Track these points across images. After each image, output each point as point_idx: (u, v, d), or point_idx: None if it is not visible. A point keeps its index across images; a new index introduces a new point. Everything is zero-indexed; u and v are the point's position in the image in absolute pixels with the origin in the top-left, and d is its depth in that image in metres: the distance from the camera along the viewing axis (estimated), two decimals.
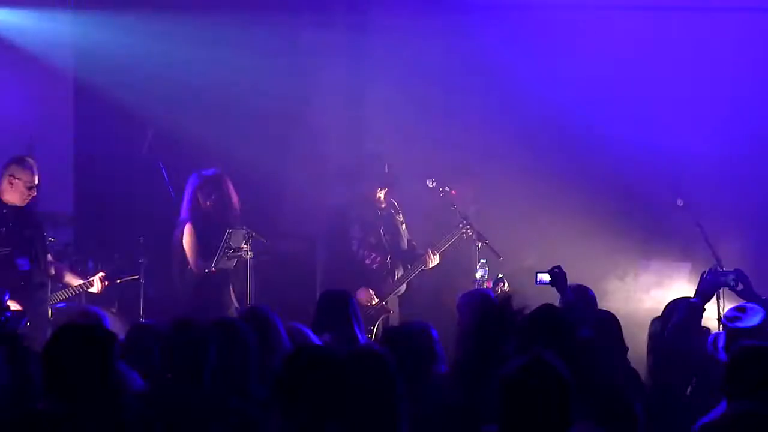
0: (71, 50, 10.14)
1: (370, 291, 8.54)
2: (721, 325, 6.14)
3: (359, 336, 6.06)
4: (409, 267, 8.78)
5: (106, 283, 7.70)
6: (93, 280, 7.65)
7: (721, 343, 5.42)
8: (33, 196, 7.52)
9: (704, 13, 10.05)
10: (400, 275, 8.80)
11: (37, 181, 7.48)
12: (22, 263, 7.39)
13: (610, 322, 5.66)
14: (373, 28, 10.81)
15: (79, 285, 7.66)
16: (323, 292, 6.70)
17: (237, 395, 4.63)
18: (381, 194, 8.80)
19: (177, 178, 9.15)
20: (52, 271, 7.70)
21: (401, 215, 8.96)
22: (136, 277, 7.95)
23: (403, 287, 8.83)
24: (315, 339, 5.57)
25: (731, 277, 6.16)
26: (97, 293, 7.71)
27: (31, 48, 9.80)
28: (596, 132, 10.00)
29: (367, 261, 8.71)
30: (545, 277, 6.60)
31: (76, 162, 10.21)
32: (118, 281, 7.89)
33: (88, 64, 10.07)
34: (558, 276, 6.50)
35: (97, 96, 10.02)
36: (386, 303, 8.66)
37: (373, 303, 8.51)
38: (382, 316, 8.57)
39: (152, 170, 8.62)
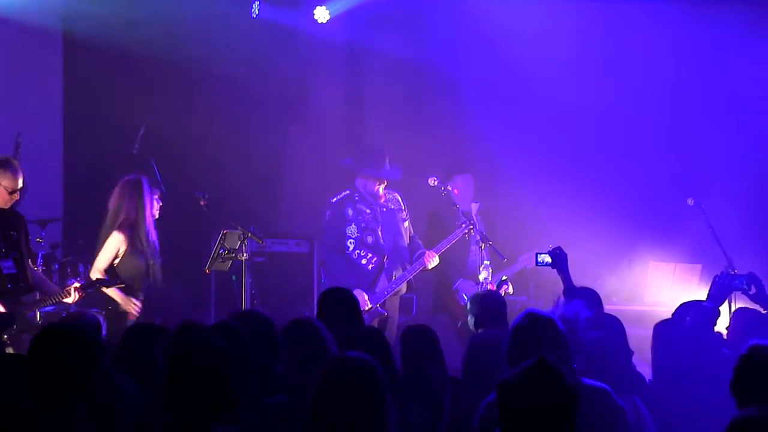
0: (60, 43, 10.01)
1: (364, 295, 8.34)
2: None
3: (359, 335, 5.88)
4: (408, 267, 8.64)
5: (82, 294, 7.41)
6: (69, 289, 7.39)
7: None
8: (16, 200, 7.25)
9: (710, 7, 9.93)
10: (398, 275, 8.63)
11: (21, 185, 7.22)
12: (8, 266, 7.18)
13: (614, 325, 5.48)
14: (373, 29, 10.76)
15: (56, 294, 7.39)
16: (323, 289, 6.55)
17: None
18: (380, 188, 8.56)
19: (170, 176, 9.00)
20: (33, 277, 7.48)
21: (405, 212, 8.79)
22: (122, 285, 7.68)
23: (404, 287, 8.70)
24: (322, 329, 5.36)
25: (743, 280, 6.02)
26: (72, 303, 7.45)
27: (18, 42, 9.67)
28: (603, 131, 9.95)
29: (363, 262, 8.53)
30: (546, 259, 6.41)
31: (65, 160, 10.07)
32: (104, 288, 7.64)
33: (78, 57, 9.94)
34: (559, 257, 6.31)
35: (87, 93, 9.89)
36: (383, 304, 8.46)
37: (367, 308, 8.30)
38: (376, 319, 8.37)
39: (144, 168, 8.45)
